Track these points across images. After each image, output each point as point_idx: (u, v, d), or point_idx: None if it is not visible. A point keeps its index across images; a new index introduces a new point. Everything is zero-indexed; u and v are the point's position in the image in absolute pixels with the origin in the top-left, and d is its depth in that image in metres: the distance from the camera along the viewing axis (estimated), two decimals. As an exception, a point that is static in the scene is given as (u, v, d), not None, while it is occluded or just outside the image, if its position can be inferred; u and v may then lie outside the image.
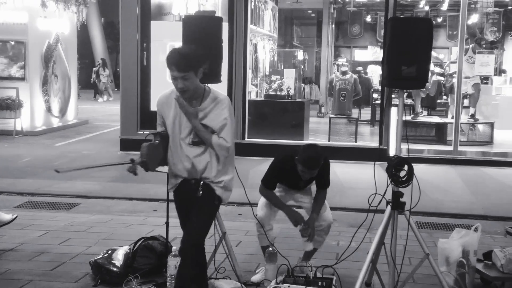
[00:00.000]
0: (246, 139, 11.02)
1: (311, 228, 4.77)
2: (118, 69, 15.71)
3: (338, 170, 9.70)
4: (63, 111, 15.18)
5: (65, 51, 15.05)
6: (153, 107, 11.27)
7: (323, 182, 4.92)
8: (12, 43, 13.41)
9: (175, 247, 4.51)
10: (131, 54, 11.17)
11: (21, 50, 13.41)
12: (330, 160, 5.03)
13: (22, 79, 13.48)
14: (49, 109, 14.36)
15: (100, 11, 32.24)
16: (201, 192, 3.87)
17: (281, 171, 4.85)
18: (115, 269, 4.64)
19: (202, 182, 3.89)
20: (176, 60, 3.66)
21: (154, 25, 11.17)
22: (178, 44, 4.51)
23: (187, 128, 3.84)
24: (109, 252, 4.82)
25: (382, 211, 4.34)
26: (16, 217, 5.63)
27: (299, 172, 4.68)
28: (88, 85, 26.79)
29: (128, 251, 4.85)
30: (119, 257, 4.74)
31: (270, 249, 4.72)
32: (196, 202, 3.88)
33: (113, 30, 34.28)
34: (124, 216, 6.75)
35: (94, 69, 26.48)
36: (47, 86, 14.12)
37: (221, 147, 3.82)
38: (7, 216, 5.53)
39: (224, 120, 3.82)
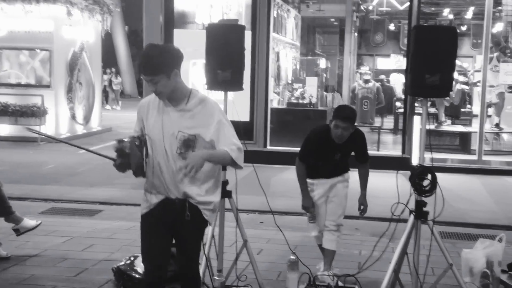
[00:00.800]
0: (268, 147, 11.02)
1: (364, 205, 5.17)
2: (141, 77, 15.81)
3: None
4: (87, 119, 15.33)
5: (90, 59, 15.21)
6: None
7: (362, 153, 5.10)
8: (38, 51, 13.60)
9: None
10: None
11: (47, 58, 13.59)
12: (352, 169, 5.02)
13: (48, 86, 13.66)
14: (73, 116, 14.51)
15: (124, 20, 32.59)
16: (189, 214, 3.35)
17: (316, 141, 4.96)
18: (137, 276, 4.66)
19: (187, 203, 3.37)
20: (142, 63, 3.26)
21: (177, 33, 11.25)
22: (201, 52, 4.54)
23: (173, 135, 3.32)
24: (132, 258, 4.85)
25: (405, 221, 4.30)
26: (40, 223, 5.69)
27: (333, 137, 4.80)
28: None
29: (150, 258, 4.86)
30: (141, 264, 4.76)
31: (292, 257, 4.71)
32: (183, 227, 3.40)
33: (137, 38, 34.60)
34: (146, 223, 6.78)
35: (106, 77, 26.72)
36: (71, 93, 14.28)
37: (239, 156, 3.34)
38: (32, 222, 5.59)
39: (217, 124, 3.33)
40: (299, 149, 5.09)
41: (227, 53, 4.36)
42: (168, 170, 3.33)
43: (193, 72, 11.08)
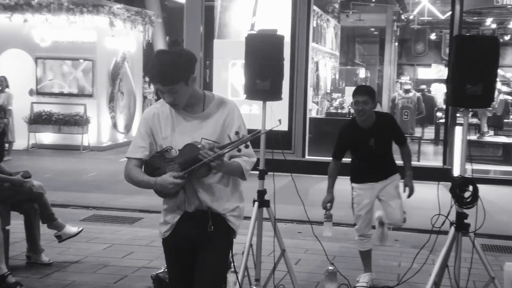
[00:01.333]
0: (307, 156, 10.99)
1: (409, 186, 5.21)
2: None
3: (400, 189, 9.52)
4: (128, 127, 15.56)
5: (131, 68, 15.46)
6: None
7: (398, 136, 5.18)
8: (81, 61, 13.89)
9: (235, 263, 4.54)
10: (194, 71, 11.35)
11: (90, 68, 13.86)
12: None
13: (90, 96, 13.92)
14: (115, 125, 14.75)
15: (165, 30, 33.00)
16: (212, 226, 3.05)
17: (345, 133, 5.09)
18: (175, 284, 4.69)
19: (210, 213, 3.07)
20: (158, 74, 2.95)
21: (217, 43, 11.35)
22: (240, 62, 4.56)
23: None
24: (170, 266, 4.88)
25: (446, 233, 4.24)
26: (82, 230, 5.79)
27: (357, 120, 4.90)
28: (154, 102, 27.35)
29: (189, 266, 4.89)
30: (179, 272, 4.79)
31: (330, 268, 4.68)
32: (206, 242, 3.08)
33: (177, 48, 34.95)
34: (185, 231, 6.83)
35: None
36: (113, 103, 14.52)
37: (249, 170, 3.12)
38: (73, 229, 5.69)
39: (237, 129, 3.07)
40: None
41: (266, 63, 4.38)
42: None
43: (232, 73, 11.15)
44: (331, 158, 5.20)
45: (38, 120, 13.83)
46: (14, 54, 13.99)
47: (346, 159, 5.26)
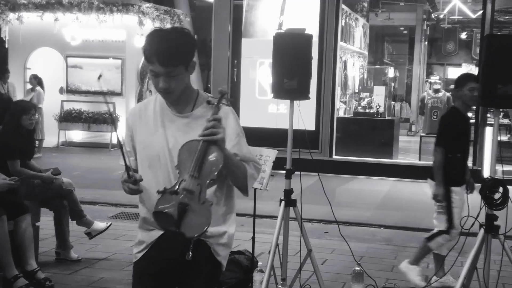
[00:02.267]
0: (334, 156, 10.94)
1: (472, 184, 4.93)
2: (209, 86, 16.08)
3: (429, 190, 9.43)
4: (156, 126, 15.65)
5: (160, 67, 15.55)
6: (242, 122, 11.45)
7: None
8: (111, 59, 14.02)
9: (261, 262, 4.54)
10: (222, 71, 11.40)
11: (119, 67, 13.99)
12: (420, 180, 4.92)
13: (119, 94, 14.05)
14: (143, 124, 14.85)
15: (194, 29, 33.17)
16: (191, 254, 2.43)
17: (458, 124, 4.90)
18: (201, 282, 4.71)
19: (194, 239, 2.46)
20: (158, 51, 2.44)
21: (245, 42, 11.36)
22: (268, 61, 4.55)
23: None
24: (197, 264, 4.90)
25: (475, 234, 4.18)
26: (110, 224, 5.84)
27: (470, 101, 4.81)
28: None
29: (215, 264, 4.90)
30: (206, 270, 4.81)
31: (357, 268, 4.65)
32: (185, 274, 2.56)
33: (205, 48, 35.14)
34: (211, 230, 6.85)
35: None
36: (142, 101, 14.64)
37: (253, 178, 2.61)
38: (102, 224, 5.75)
39: (237, 136, 2.59)
40: (364, 159, 5.05)
41: (294, 62, 4.37)
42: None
43: (260, 72, 11.16)
44: (361, 158, 5.12)
45: (68, 118, 14.02)
46: (44, 52, 14.20)
47: (348, 157, 5.19)
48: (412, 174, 10.39)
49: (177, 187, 2.41)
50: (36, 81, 12.41)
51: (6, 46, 14.59)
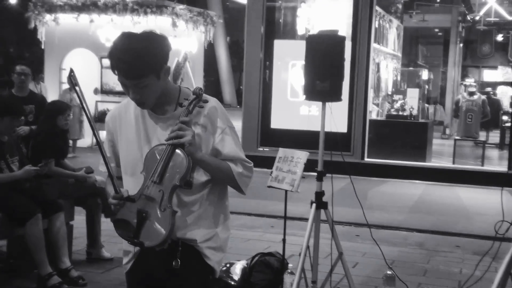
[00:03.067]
0: (366, 159, 10.87)
1: None
2: (241, 87, 16.14)
3: (463, 195, 9.32)
4: (189, 126, 15.76)
5: (192, 68, 15.66)
6: (274, 124, 11.54)
7: None
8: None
9: (291, 265, 4.53)
10: (254, 72, 11.42)
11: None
12: (454, 184, 4.84)
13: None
14: (175, 124, 14.96)
15: (227, 31, 33.32)
16: (179, 261, 2.36)
17: None
18: (232, 283, 4.72)
19: (180, 244, 2.38)
20: (119, 63, 2.27)
21: (277, 44, 11.36)
22: (300, 62, 4.54)
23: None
24: (227, 265, 4.92)
25: (510, 240, 4.10)
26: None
27: None
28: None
29: (246, 265, 4.92)
30: (236, 271, 4.83)
31: (389, 272, 4.61)
32: (177, 281, 2.41)
33: (238, 49, 35.26)
34: (242, 231, 6.87)
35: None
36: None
37: (244, 176, 2.45)
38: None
39: (221, 133, 2.42)
40: (397, 162, 4.98)
41: (326, 63, 4.35)
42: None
43: (292, 74, 11.15)
44: (393, 161, 5.06)
45: (102, 119, 14.18)
46: (80, 53, 14.41)
47: (380, 160, 5.14)
48: (446, 177, 10.26)
49: (138, 194, 2.30)
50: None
51: (42, 47, 14.86)
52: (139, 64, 2.25)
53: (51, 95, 12.92)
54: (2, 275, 4.96)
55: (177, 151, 2.29)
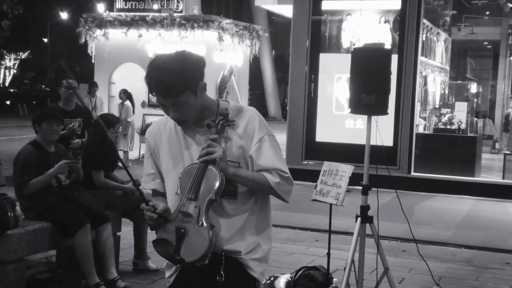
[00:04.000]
0: (412, 173, 10.72)
1: None
2: (286, 100, 16.15)
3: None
4: (233, 140, 15.85)
5: (238, 82, 15.78)
6: (319, 137, 11.50)
7: None
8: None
9: (336, 279, 4.50)
10: (299, 85, 11.43)
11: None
12: (504, 200, 4.74)
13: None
14: (221, 138, 15.07)
15: (272, 45, 33.47)
16: (223, 275, 2.38)
17: None
18: (276, 296, 4.71)
19: (224, 257, 2.41)
20: (157, 83, 2.36)
21: (322, 57, 11.35)
22: (345, 76, 4.54)
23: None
24: (272, 279, 4.92)
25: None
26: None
27: None
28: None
29: (290, 279, 4.91)
30: (280, 285, 4.82)
31: (435, 289, 4.53)
32: None
33: (283, 63, 35.41)
34: (286, 244, 6.86)
35: None
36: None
37: (283, 185, 2.43)
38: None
39: (258, 141, 2.43)
40: (444, 176, 4.90)
41: (372, 77, 4.33)
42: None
43: (337, 87, 11.11)
44: (440, 176, 4.98)
45: (149, 131, 14.44)
46: (128, 67, 14.70)
47: (427, 174, 5.04)
48: (495, 193, 10.03)
49: (175, 212, 2.37)
50: (126, 95, 12.91)
51: (93, 62, 15.22)
52: (175, 82, 2.32)
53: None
54: (51, 285, 5.07)
55: (210, 167, 2.36)
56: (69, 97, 6.34)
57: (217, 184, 2.33)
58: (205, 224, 2.30)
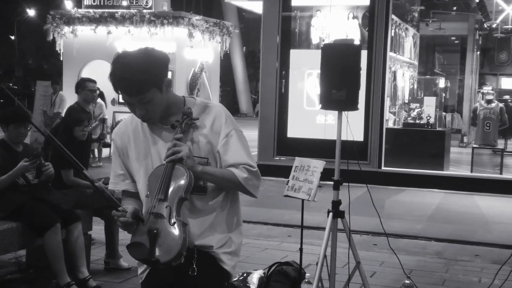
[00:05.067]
0: (383, 167, 10.82)
1: None
2: (257, 97, 16.18)
3: (482, 203, 9.24)
4: (205, 136, 15.82)
5: (209, 79, 15.73)
6: (290, 133, 11.53)
7: None
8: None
9: (309, 274, 4.52)
10: (270, 82, 11.44)
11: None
12: (472, 193, 4.81)
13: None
14: (192, 134, 15.04)
15: (243, 41, 33.44)
16: (195, 269, 2.41)
17: None
18: (249, 292, 4.72)
19: (196, 251, 2.43)
20: (121, 81, 2.34)
21: (293, 53, 11.37)
22: (316, 72, 4.55)
23: None
24: (245, 275, 4.92)
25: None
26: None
27: None
28: (230, 112, 27.68)
29: (263, 275, 4.92)
30: (254, 281, 4.82)
31: (407, 281, 4.58)
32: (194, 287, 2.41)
33: (254, 59, 35.42)
34: (259, 240, 6.87)
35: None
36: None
37: (251, 180, 2.45)
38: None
39: (225, 137, 2.45)
40: (414, 170, 4.96)
41: (342, 72, 4.35)
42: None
43: (308, 83, 11.15)
44: (410, 170, 5.03)
45: (119, 129, 14.33)
46: (98, 65, 14.54)
47: (397, 169, 5.10)
48: (464, 186, 10.18)
49: (147, 214, 2.37)
50: (98, 94, 12.80)
51: (61, 59, 15.03)
52: (140, 79, 2.31)
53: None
54: (21, 286, 5.01)
55: (177, 166, 2.37)
56: (93, 100, 6.66)
57: (185, 182, 2.35)
58: (177, 222, 2.31)
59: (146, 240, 2.32)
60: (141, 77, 2.31)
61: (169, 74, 14.28)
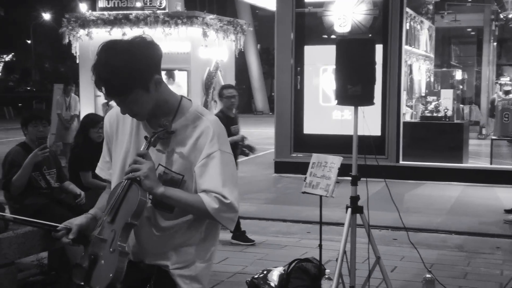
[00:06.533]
0: (401, 162, 10.76)
1: None
2: (272, 94, 16.17)
3: (502, 195, 9.15)
4: (221, 135, 15.83)
5: (224, 77, 15.74)
6: (307, 130, 11.52)
7: None
8: (176, 71, 14.30)
9: (329, 270, 4.52)
10: (285, 78, 11.44)
11: (185, 78, 14.26)
12: (492, 185, 4.77)
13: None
14: (209, 133, 15.06)
15: (257, 39, 33.44)
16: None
17: None
18: (269, 289, 4.72)
19: (156, 269, 2.29)
20: (100, 81, 2.12)
21: (307, 49, 11.35)
22: (331, 67, 4.54)
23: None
24: (265, 272, 4.93)
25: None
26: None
27: None
28: (246, 110, 27.72)
29: (283, 272, 4.92)
30: (274, 278, 4.83)
31: (428, 276, 4.56)
32: None
33: (268, 56, 35.40)
34: (278, 238, 6.88)
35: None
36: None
37: (223, 211, 2.18)
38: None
39: (205, 157, 2.19)
40: (433, 164, 4.93)
41: (357, 67, 4.34)
42: (142, 222, 2.24)
43: (323, 79, 11.12)
44: (429, 163, 5.00)
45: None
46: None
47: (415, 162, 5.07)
48: (484, 178, 10.09)
49: (93, 235, 2.23)
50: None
51: (77, 62, 15.13)
52: (118, 81, 2.07)
53: (87, 109, 13.15)
54: (43, 287, 5.06)
55: (133, 186, 2.15)
56: (232, 106, 6.85)
57: (134, 206, 2.13)
58: (116, 251, 2.12)
59: (86, 264, 2.19)
60: (120, 79, 2.07)
61: (176, 73, 14.28)
